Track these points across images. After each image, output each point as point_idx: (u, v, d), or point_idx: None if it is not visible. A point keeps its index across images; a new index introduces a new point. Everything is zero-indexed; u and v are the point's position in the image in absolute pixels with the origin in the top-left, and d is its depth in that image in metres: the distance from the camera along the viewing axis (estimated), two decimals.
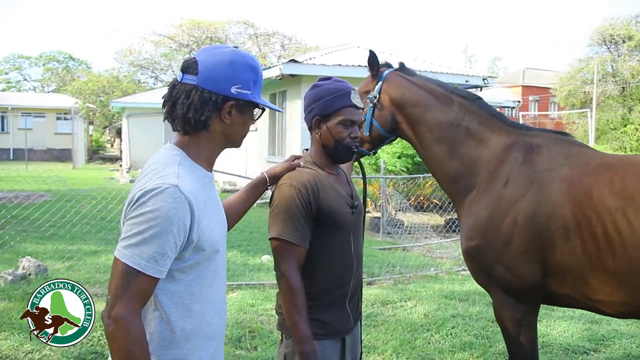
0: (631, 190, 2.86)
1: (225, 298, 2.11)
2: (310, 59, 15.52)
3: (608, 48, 35.25)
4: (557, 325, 5.74)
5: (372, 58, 3.50)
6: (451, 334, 5.49)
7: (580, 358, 4.99)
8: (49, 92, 53.29)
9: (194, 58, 1.94)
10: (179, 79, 1.94)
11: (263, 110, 2.07)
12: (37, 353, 4.65)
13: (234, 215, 2.45)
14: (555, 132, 3.33)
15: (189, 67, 1.92)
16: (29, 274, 6.93)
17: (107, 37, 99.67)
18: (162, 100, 1.98)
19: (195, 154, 1.95)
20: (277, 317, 2.60)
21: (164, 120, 2.01)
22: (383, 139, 3.53)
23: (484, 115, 3.35)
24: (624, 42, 33.69)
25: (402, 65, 3.60)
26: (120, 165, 31.80)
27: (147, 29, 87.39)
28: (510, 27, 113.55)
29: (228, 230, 2.34)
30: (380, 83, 3.47)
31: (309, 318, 2.39)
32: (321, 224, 2.45)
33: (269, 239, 2.43)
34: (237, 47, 2.01)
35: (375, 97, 3.44)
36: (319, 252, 2.46)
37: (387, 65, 3.59)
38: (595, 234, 2.87)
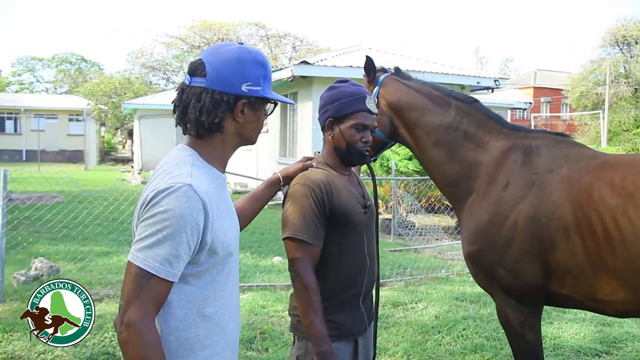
0: (631, 188, 2.84)
1: (238, 303, 2.07)
2: (321, 60, 15.54)
3: (620, 49, 35.08)
4: (568, 327, 5.70)
5: (369, 64, 3.51)
6: (462, 336, 5.47)
7: None
8: (61, 93, 53.75)
9: (200, 59, 1.89)
10: (187, 82, 1.89)
11: (275, 104, 2.03)
12: (50, 353, 4.69)
13: (247, 215, 2.44)
14: (554, 133, 3.33)
15: (196, 69, 1.87)
16: (42, 275, 6.99)
17: (108, 37, 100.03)
18: (172, 105, 1.93)
19: (208, 155, 1.90)
20: (289, 318, 2.60)
21: (176, 126, 1.95)
22: (383, 144, 3.54)
23: (482, 118, 3.35)
24: (636, 43, 33.52)
25: (397, 69, 3.60)
26: (132, 167, 31.96)
27: (147, 28, 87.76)
28: (521, 29, 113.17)
29: (240, 230, 2.33)
30: (377, 88, 3.48)
31: None
32: (334, 224, 2.45)
33: (283, 239, 2.43)
34: (242, 44, 1.96)
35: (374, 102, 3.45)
36: (331, 252, 2.47)
37: (383, 70, 3.59)
38: (596, 233, 2.86)
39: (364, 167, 3.21)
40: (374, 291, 2.94)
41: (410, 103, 3.42)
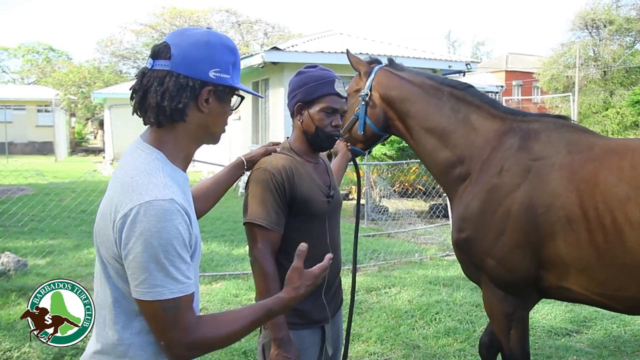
0: None
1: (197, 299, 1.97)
2: (292, 46, 15.40)
3: (590, 32, 35.46)
4: (540, 308, 5.75)
5: (349, 57, 3.49)
6: (435, 320, 5.49)
7: (563, 340, 5.02)
8: (29, 84, 52.55)
9: (165, 42, 1.73)
10: (149, 66, 1.73)
11: (242, 99, 1.89)
12: (16, 351, 4.58)
13: (210, 197, 2.38)
14: (554, 116, 3.16)
15: (160, 52, 1.71)
16: (9, 270, 6.82)
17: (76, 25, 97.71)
18: (130, 92, 1.76)
19: (173, 153, 1.74)
20: None
21: (133, 114, 1.77)
22: (377, 138, 3.45)
23: (477, 103, 3.22)
24: (605, 26, 33.91)
25: (390, 60, 3.52)
26: (104, 157, 31.55)
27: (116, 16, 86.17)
28: (493, 12, 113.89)
29: (205, 213, 2.34)
30: (370, 80, 3.39)
31: None
32: (295, 211, 2.43)
33: (243, 224, 2.41)
34: (210, 28, 1.82)
35: (367, 95, 3.36)
36: (294, 240, 2.42)
37: (377, 61, 3.51)
38: (604, 226, 2.69)
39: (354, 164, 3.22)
40: (349, 279, 2.92)
41: (402, 94, 3.33)
